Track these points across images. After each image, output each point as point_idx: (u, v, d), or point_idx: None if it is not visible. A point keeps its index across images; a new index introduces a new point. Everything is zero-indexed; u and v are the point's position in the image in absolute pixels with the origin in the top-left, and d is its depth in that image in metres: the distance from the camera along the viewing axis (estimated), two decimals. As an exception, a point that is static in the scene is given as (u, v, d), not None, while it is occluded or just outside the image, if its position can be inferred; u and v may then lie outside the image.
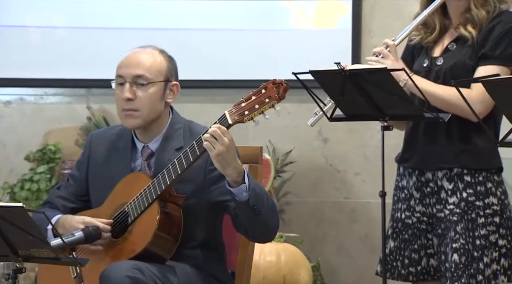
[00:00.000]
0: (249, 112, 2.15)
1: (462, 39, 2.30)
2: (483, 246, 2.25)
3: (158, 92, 2.28)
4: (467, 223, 2.26)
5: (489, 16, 2.27)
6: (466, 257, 2.25)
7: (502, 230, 2.27)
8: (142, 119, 2.28)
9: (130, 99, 2.26)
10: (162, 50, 2.34)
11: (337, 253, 3.64)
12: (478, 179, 2.28)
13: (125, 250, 2.25)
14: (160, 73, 2.28)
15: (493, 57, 2.25)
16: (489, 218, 2.26)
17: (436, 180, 2.32)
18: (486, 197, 2.27)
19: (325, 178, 3.64)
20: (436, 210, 2.32)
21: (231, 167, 2.16)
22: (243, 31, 3.62)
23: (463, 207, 2.27)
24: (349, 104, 2.29)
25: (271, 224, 2.25)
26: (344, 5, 3.53)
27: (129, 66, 2.28)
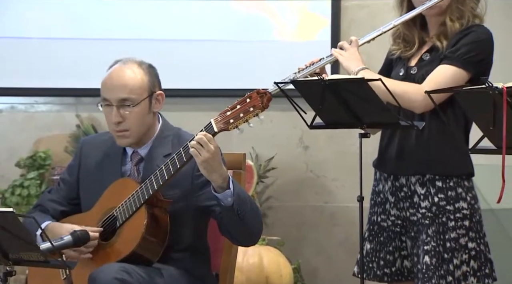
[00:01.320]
0: (234, 120, 2.16)
1: (435, 49, 2.32)
2: (453, 248, 2.26)
3: (145, 107, 2.28)
4: (438, 227, 2.27)
5: (462, 28, 2.29)
6: (436, 259, 2.26)
7: (472, 233, 2.28)
8: (133, 137, 2.29)
9: (120, 122, 2.26)
10: (141, 63, 2.31)
11: (317, 255, 3.64)
12: (449, 184, 2.29)
13: (113, 253, 2.24)
14: (143, 90, 2.27)
15: (453, 58, 2.25)
16: (459, 221, 2.27)
17: (410, 185, 2.33)
18: (456, 201, 2.28)
19: (305, 183, 3.65)
20: (410, 214, 2.33)
21: (217, 173, 2.17)
22: (229, 42, 3.63)
23: (434, 211, 2.29)
24: (328, 113, 2.30)
25: (254, 228, 2.25)
26: (324, 18, 3.55)
27: (113, 89, 2.26)
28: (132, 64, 2.30)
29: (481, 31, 2.28)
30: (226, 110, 2.18)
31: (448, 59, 2.26)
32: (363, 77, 2.23)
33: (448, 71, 2.24)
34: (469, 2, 2.29)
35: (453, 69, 2.24)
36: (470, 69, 2.25)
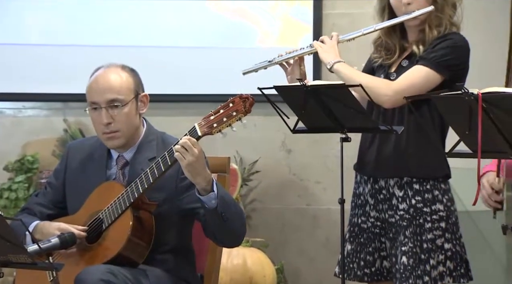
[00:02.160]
0: (218, 124, 2.16)
1: (413, 56, 2.33)
2: (429, 249, 2.26)
3: (133, 108, 2.28)
4: (415, 228, 2.28)
5: (439, 35, 2.30)
6: (413, 260, 2.26)
7: (448, 234, 2.29)
8: (124, 138, 2.28)
9: (109, 123, 2.25)
10: (123, 66, 2.32)
11: (299, 256, 3.65)
12: (426, 187, 2.30)
13: (100, 255, 2.23)
14: (130, 90, 2.28)
15: (427, 59, 2.26)
16: (436, 223, 2.28)
17: (388, 187, 2.34)
18: (433, 204, 2.29)
19: (288, 186, 3.65)
20: (388, 216, 2.34)
21: (201, 176, 2.16)
22: (213, 49, 3.63)
23: (412, 213, 2.29)
24: (310, 117, 2.30)
25: (238, 230, 2.25)
26: (305, 25, 3.56)
27: (100, 92, 2.26)
28: (116, 67, 2.30)
29: (458, 38, 2.30)
30: (210, 115, 2.18)
31: (423, 60, 2.27)
32: (343, 83, 2.24)
33: (421, 72, 2.25)
34: (447, 11, 2.30)
35: (426, 70, 2.25)
36: (443, 72, 2.25)
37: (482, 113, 1.82)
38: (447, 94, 1.92)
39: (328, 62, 2.32)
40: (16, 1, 3.70)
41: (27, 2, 3.69)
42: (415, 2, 2.29)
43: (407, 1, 2.29)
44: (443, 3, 2.30)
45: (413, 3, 2.29)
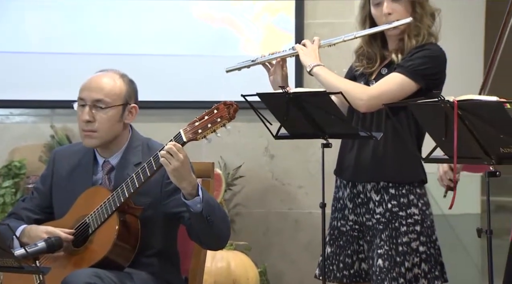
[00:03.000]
0: (202, 130, 2.16)
1: (392, 64, 2.34)
2: (404, 252, 2.27)
3: (116, 114, 2.27)
4: (391, 231, 2.29)
5: (417, 44, 2.32)
6: (389, 262, 2.27)
7: (423, 237, 2.30)
8: (99, 140, 2.27)
9: (89, 121, 2.25)
10: (123, 74, 2.32)
11: (282, 259, 3.65)
12: (402, 191, 2.32)
13: (86, 258, 2.22)
14: (119, 97, 2.27)
15: (404, 67, 2.28)
16: (411, 226, 2.29)
17: (366, 192, 2.35)
18: (408, 208, 2.30)
19: (271, 191, 3.65)
20: (366, 219, 2.35)
21: (186, 181, 2.16)
22: (198, 57, 3.63)
23: (388, 216, 2.31)
24: (292, 124, 2.31)
25: (222, 233, 2.25)
26: (288, 34, 3.57)
27: (90, 89, 2.26)
28: (114, 73, 2.31)
29: (435, 49, 2.31)
30: (195, 121, 2.18)
31: (400, 68, 2.29)
32: (325, 90, 2.25)
33: (397, 79, 2.27)
34: (426, 21, 2.32)
35: (402, 78, 2.27)
36: (419, 81, 2.27)
37: (457, 120, 1.84)
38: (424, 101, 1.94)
39: (308, 65, 2.33)
40: (4, 10, 3.68)
41: (15, 10, 3.68)
42: (395, 12, 2.31)
43: (387, 11, 2.31)
44: (422, 13, 2.31)
45: (393, 13, 2.31)
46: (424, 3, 2.33)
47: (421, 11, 2.31)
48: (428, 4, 2.34)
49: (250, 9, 3.59)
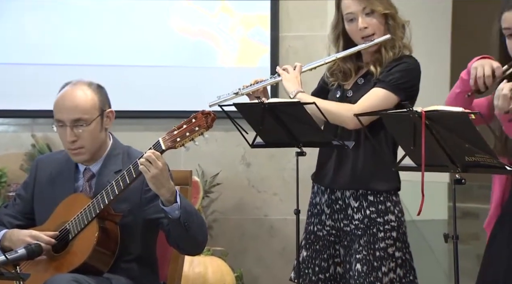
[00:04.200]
0: (181, 139, 2.16)
1: (369, 75, 2.36)
2: (382, 257, 2.29)
3: (97, 126, 2.26)
4: (369, 237, 2.31)
5: (394, 57, 2.34)
6: (367, 267, 2.29)
7: (399, 243, 2.32)
8: (89, 153, 2.27)
9: (74, 140, 2.24)
10: (90, 83, 2.29)
11: (257, 264, 3.65)
12: (380, 199, 2.33)
13: (66, 264, 2.21)
14: (95, 109, 2.26)
15: (385, 82, 2.30)
16: (388, 232, 2.31)
17: (344, 198, 2.36)
18: (385, 214, 2.32)
19: (247, 198, 3.66)
20: (343, 225, 2.36)
21: (165, 188, 2.16)
22: (176, 68, 3.63)
23: (366, 223, 2.32)
24: (268, 133, 2.32)
25: (200, 239, 2.25)
26: (263, 46, 3.59)
27: (65, 111, 2.24)
28: (82, 85, 2.28)
29: (412, 62, 2.34)
30: (173, 130, 2.18)
31: (381, 82, 2.31)
32: (299, 101, 2.26)
33: (380, 94, 2.29)
34: (398, 33, 2.35)
35: (384, 92, 2.29)
36: (400, 94, 2.30)
37: (425, 130, 1.86)
38: (394, 112, 1.96)
39: (291, 92, 2.34)
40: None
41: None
42: (370, 26, 2.33)
43: (363, 26, 2.32)
44: (394, 25, 2.34)
45: (368, 27, 2.33)
46: (395, 15, 2.36)
47: (393, 23, 2.34)
48: (398, 16, 2.37)
49: (227, 22, 3.61)
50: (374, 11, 2.32)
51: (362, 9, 2.33)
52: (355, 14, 2.33)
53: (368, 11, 2.32)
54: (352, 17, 2.34)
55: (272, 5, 3.54)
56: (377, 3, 2.32)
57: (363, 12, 2.33)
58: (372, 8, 2.32)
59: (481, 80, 2.02)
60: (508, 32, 2.00)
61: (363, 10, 2.33)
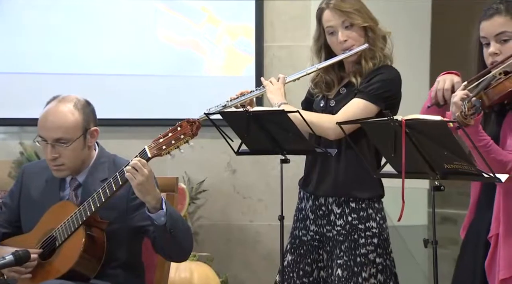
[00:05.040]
0: (166, 146, 2.15)
1: (351, 85, 2.37)
2: (362, 263, 2.30)
3: (79, 145, 2.24)
4: (350, 243, 2.31)
5: (374, 67, 2.35)
6: (348, 272, 2.29)
7: (380, 249, 2.32)
8: (69, 170, 2.25)
9: (55, 157, 2.22)
10: (76, 102, 2.24)
11: (243, 269, 3.64)
12: (362, 205, 2.34)
13: (53, 270, 2.19)
14: (77, 129, 2.23)
15: (365, 92, 2.31)
16: (369, 239, 2.31)
17: (328, 204, 2.37)
18: (367, 221, 2.33)
19: (233, 204, 3.65)
20: (326, 230, 2.37)
21: (151, 195, 2.15)
22: (163, 77, 3.63)
23: (348, 229, 2.33)
24: (253, 140, 2.32)
25: (185, 245, 2.24)
26: (248, 56, 3.60)
27: (47, 129, 2.22)
28: (68, 102, 2.24)
29: (391, 72, 2.35)
30: (159, 138, 2.17)
31: (361, 93, 2.32)
32: (283, 109, 2.26)
33: (360, 104, 2.30)
34: (379, 44, 2.36)
35: (364, 102, 2.30)
36: (379, 104, 2.31)
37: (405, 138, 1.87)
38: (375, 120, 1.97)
39: (274, 103, 2.35)
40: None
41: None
42: (350, 39, 2.34)
43: (343, 39, 2.34)
44: (374, 37, 2.36)
45: (348, 39, 2.34)
46: (374, 28, 2.37)
47: (373, 35, 2.36)
48: (379, 28, 2.38)
49: (213, 32, 3.61)
50: (353, 24, 2.34)
51: (342, 23, 2.34)
52: (335, 27, 2.35)
53: (347, 24, 2.34)
54: (332, 31, 2.36)
55: (257, 16, 3.55)
56: (356, 16, 2.34)
57: (343, 26, 2.34)
58: (351, 22, 2.34)
59: (440, 93, 2.07)
60: (485, 41, 2.01)
61: (342, 24, 2.34)
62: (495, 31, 1.98)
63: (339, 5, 2.34)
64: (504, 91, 1.93)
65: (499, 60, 1.97)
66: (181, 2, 3.60)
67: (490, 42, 1.99)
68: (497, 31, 1.98)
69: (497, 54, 1.98)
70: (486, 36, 2.00)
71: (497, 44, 1.98)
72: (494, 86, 1.93)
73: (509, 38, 1.97)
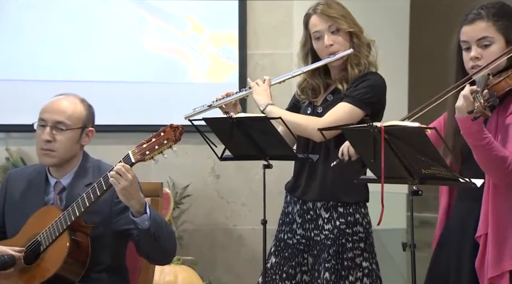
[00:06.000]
0: (150, 152, 2.14)
1: (337, 91, 2.38)
2: (349, 266, 2.30)
3: (75, 136, 2.24)
4: (338, 247, 2.32)
5: (360, 74, 2.36)
6: (335, 275, 2.30)
7: (366, 254, 2.33)
8: (57, 159, 2.24)
9: (49, 141, 2.21)
10: (83, 99, 2.30)
11: (227, 272, 3.62)
12: (349, 210, 2.34)
13: (38, 275, 2.17)
14: (79, 120, 2.25)
15: (351, 97, 2.33)
16: (356, 243, 2.32)
17: (316, 209, 2.37)
18: (354, 226, 2.33)
19: (217, 208, 3.64)
20: (314, 234, 2.36)
21: (135, 200, 2.14)
22: (148, 83, 3.61)
23: (336, 233, 2.33)
24: (236, 146, 2.31)
25: (169, 249, 2.23)
26: (232, 63, 3.60)
27: (51, 111, 2.24)
28: (75, 97, 2.29)
29: (377, 78, 2.36)
30: (143, 143, 2.16)
31: (347, 97, 2.33)
32: (266, 116, 2.26)
33: (346, 108, 2.31)
34: (363, 51, 2.37)
35: (350, 107, 2.31)
36: (364, 108, 2.32)
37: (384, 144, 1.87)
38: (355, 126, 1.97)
39: (261, 104, 2.35)
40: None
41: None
42: (336, 43, 2.35)
43: (329, 43, 2.35)
44: (359, 44, 2.37)
45: (334, 44, 2.35)
46: (359, 34, 2.38)
47: (358, 41, 2.37)
48: (363, 35, 2.39)
49: (197, 40, 3.61)
50: (339, 29, 2.35)
51: (328, 27, 2.36)
52: (322, 32, 2.36)
53: (333, 29, 2.36)
54: (319, 35, 2.37)
55: (240, 25, 3.56)
56: (342, 21, 2.36)
57: (329, 30, 2.36)
58: (338, 27, 2.35)
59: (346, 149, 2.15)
60: (465, 45, 2.02)
61: (329, 28, 2.36)
62: (477, 35, 1.98)
63: (326, 10, 2.36)
64: (506, 88, 1.90)
65: (481, 64, 1.96)
66: (166, 11, 3.59)
67: (472, 46, 1.99)
68: (479, 35, 1.98)
69: (478, 58, 1.98)
70: (468, 40, 2.00)
71: (479, 49, 1.98)
72: (495, 83, 1.90)
73: (490, 43, 1.97)
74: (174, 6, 3.58)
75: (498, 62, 1.94)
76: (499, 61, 1.94)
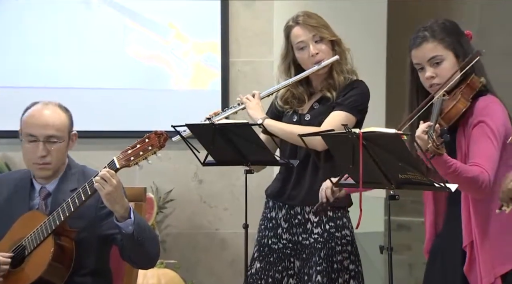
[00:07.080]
0: (134, 157, 2.14)
1: (325, 99, 2.40)
2: (338, 269, 2.32)
3: (65, 145, 2.25)
4: (328, 250, 2.33)
5: (346, 82, 2.39)
6: (327, 278, 2.31)
7: (353, 256, 2.36)
8: (53, 170, 2.24)
9: (45, 155, 2.20)
10: (60, 105, 2.28)
11: (209, 276, 3.62)
12: (338, 214, 2.36)
13: (22, 279, 2.15)
14: (65, 128, 2.25)
15: (344, 105, 2.36)
16: (344, 246, 2.34)
17: (304, 213, 2.38)
18: (342, 229, 2.35)
19: (199, 213, 3.64)
20: (302, 238, 2.37)
21: (119, 205, 2.13)
22: (131, 90, 3.60)
23: (326, 237, 2.34)
24: (218, 152, 2.32)
25: (152, 253, 2.23)
26: (215, 71, 3.60)
27: (40, 126, 2.22)
28: (54, 106, 2.27)
29: (364, 86, 2.40)
30: (127, 149, 2.16)
31: (340, 106, 2.36)
32: (247, 122, 2.28)
33: (342, 116, 2.34)
34: (344, 58, 2.41)
35: (345, 114, 2.34)
36: (357, 115, 2.36)
37: (362, 150, 1.90)
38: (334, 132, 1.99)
39: (257, 118, 2.37)
40: None
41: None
42: (321, 52, 2.38)
43: (315, 52, 2.37)
44: (340, 51, 2.40)
45: (320, 52, 2.38)
46: (340, 42, 2.42)
47: (340, 49, 2.41)
48: (342, 43, 2.42)
49: (180, 48, 3.61)
50: (322, 38, 2.38)
51: (312, 37, 2.38)
52: (306, 42, 2.38)
53: (317, 39, 2.38)
54: (303, 45, 2.39)
55: (223, 33, 3.57)
56: (324, 30, 2.39)
57: (313, 40, 2.38)
58: (321, 36, 2.38)
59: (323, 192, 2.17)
60: (419, 67, 2.09)
61: (313, 38, 2.38)
62: (427, 56, 2.05)
63: (308, 21, 2.39)
64: (459, 113, 1.98)
65: (436, 82, 2.04)
66: (149, 18, 3.60)
67: (425, 67, 2.07)
68: (429, 56, 2.05)
69: (434, 77, 2.05)
70: (420, 62, 2.08)
71: (431, 68, 2.05)
72: (448, 110, 1.98)
73: (441, 60, 2.05)
74: (157, 13, 3.58)
75: (453, 81, 2.00)
76: (454, 79, 2.00)
